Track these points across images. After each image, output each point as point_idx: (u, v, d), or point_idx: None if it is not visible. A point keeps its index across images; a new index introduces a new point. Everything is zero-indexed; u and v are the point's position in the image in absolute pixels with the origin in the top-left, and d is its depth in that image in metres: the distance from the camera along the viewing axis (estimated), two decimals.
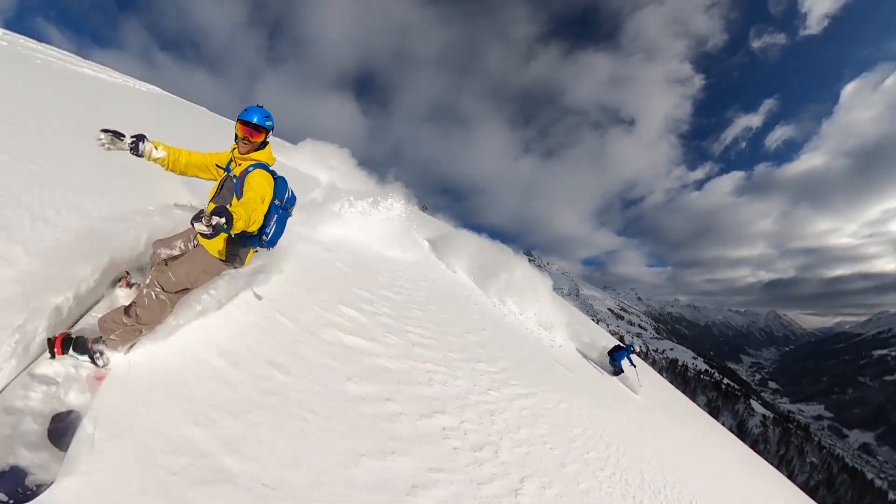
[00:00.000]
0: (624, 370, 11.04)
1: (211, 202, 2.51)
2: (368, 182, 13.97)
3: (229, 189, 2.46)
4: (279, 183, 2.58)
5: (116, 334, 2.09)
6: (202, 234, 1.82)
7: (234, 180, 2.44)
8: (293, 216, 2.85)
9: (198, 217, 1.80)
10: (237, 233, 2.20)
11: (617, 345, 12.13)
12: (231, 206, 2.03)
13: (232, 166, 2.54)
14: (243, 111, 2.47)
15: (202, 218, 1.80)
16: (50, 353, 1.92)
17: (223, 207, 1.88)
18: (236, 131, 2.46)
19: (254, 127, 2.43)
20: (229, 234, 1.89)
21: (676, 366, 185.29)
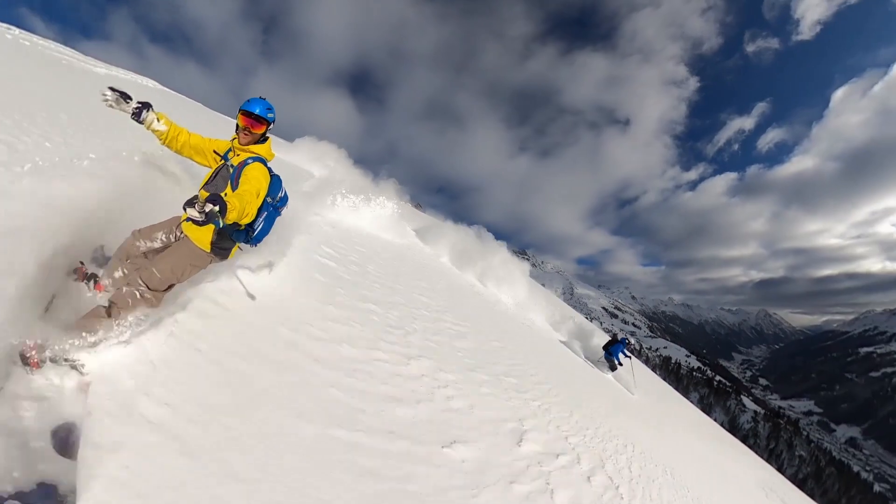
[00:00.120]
0: (622, 363, 11.22)
1: (203, 189, 2.44)
2: (364, 180, 14.16)
3: (224, 178, 2.43)
4: (274, 181, 2.56)
5: (96, 336, 1.91)
6: (194, 221, 1.75)
7: (231, 170, 2.41)
8: (282, 215, 2.77)
9: (191, 202, 1.72)
10: (227, 224, 2.14)
11: (611, 338, 12.08)
12: (226, 196, 1.99)
13: (230, 156, 2.50)
14: (246, 102, 2.45)
15: (195, 203, 1.72)
16: (25, 367, 1.72)
17: (218, 195, 1.83)
18: (237, 121, 2.44)
19: (255, 118, 2.41)
20: (219, 225, 1.88)
21: (669, 363, 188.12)
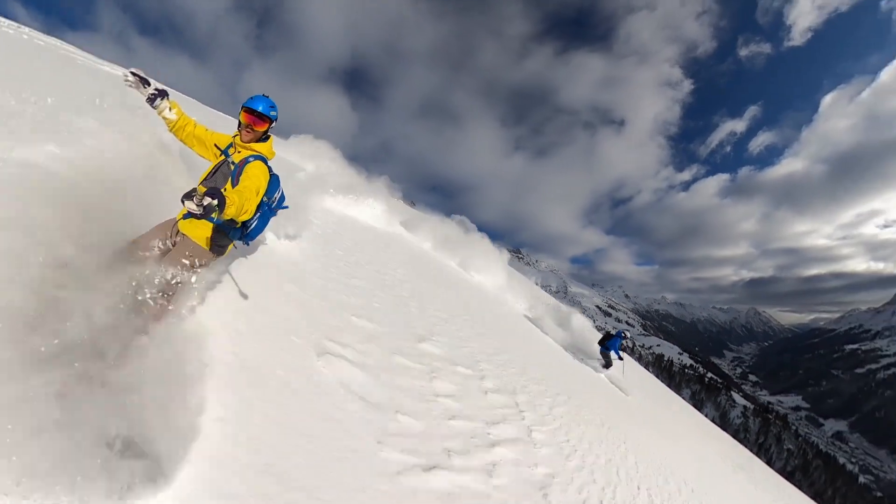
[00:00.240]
0: (619, 359, 10.58)
1: (201, 184, 2.45)
2: (357, 178, 14.65)
3: (224, 174, 2.42)
4: (273, 181, 2.57)
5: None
6: (192, 214, 1.76)
7: (232, 167, 2.41)
8: (276, 216, 2.79)
9: (189, 195, 1.74)
10: (223, 220, 2.14)
11: (607, 332, 11.36)
12: (225, 192, 2.00)
13: (231, 152, 2.50)
14: (249, 99, 2.46)
15: (194, 197, 1.74)
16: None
17: (217, 189, 1.84)
18: (240, 118, 2.45)
19: (258, 116, 2.42)
20: (214, 220, 1.84)
21: (662, 361, 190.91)
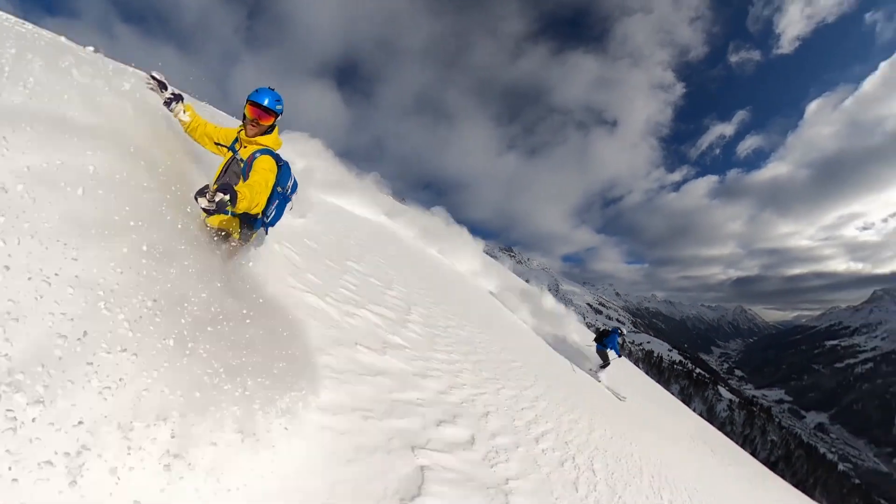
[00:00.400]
0: (618, 356, 10.02)
1: (215, 183, 2.46)
2: (348, 175, 15.40)
3: (235, 172, 2.44)
4: (284, 169, 2.56)
5: None
6: (204, 210, 1.81)
7: (242, 164, 2.42)
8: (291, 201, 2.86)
9: (202, 192, 1.78)
10: (237, 213, 2.21)
11: (603, 329, 10.83)
12: (236, 186, 2.04)
13: (237, 147, 2.50)
14: (254, 92, 2.41)
15: (206, 193, 1.77)
16: None
17: (228, 185, 1.87)
18: (245, 112, 2.41)
19: (264, 110, 2.39)
20: (227, 214, 1.90)
21: (652, 357, 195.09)
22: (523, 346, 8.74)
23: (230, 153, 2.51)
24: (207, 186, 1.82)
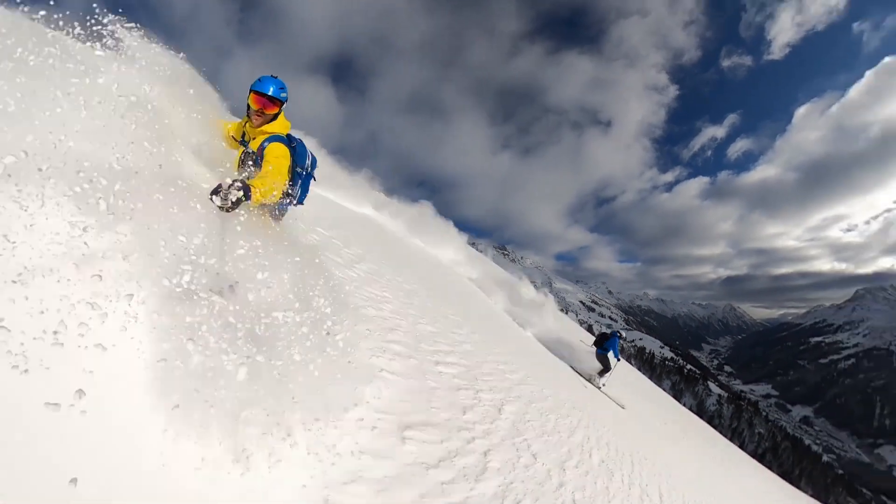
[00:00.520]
0: (617, 360, 9.74)
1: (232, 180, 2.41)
2: (341, 172, 15.45)
3: (251, 165, 2.42)
4: (299, 149, 2.52)
5: None
6: (221, 209, 1.79)
7: (254, 156, 2.39)
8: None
9: (216, 191, 1.77)
10: (256, 206, 2.18)
11: (601, 333, 10.57)
12: (250, 180, 2.03)
13: (247, 139, 2.48)
14: (256, 81, 2.36)
15: (220, 191, 1.76)
16: None
17: (241, 180, 1.86)
18: (249, 102, 2.37)
19: (269, 99, 2.35)
20: (247, 204, 1.91)
21: (644, 353, 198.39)
22: (491, 326, 8.78)
23: (242, 147, 2.53)
24: (221, 185, 1.80)
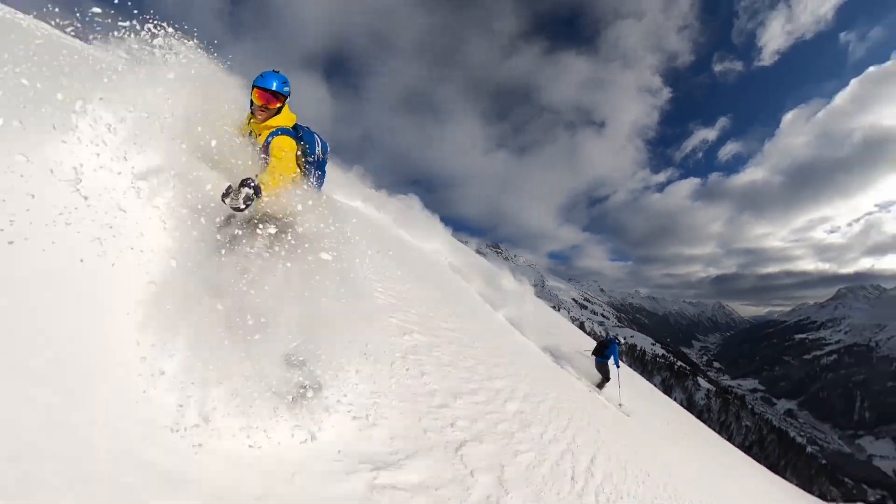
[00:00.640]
0: (616, 366, 9.17)
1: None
2: (334, 170, 15.27)
3: (262, 162, 2.37)
4: (306, 139, 2.50)
5: None
6: (235, 209, 1.80)
7: (263, 154, 2.37)
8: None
9: (227, 193, 1.78)
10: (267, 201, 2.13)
11: (600, 341, 9.86)
12: (258, 177, 2.03)
13: (253, 136, 2.44)
14: (258, 77, 2.35)
15: (231, 193, 1.77)
16: None
17: (249, 179, 1.86)
18: (252, 98, 2.36)
19: (272, 94, 2.35)
20: (258, 201, 1.91)
21: (635, 351, 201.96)
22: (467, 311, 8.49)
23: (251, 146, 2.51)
24: (231, 186, 1.82)
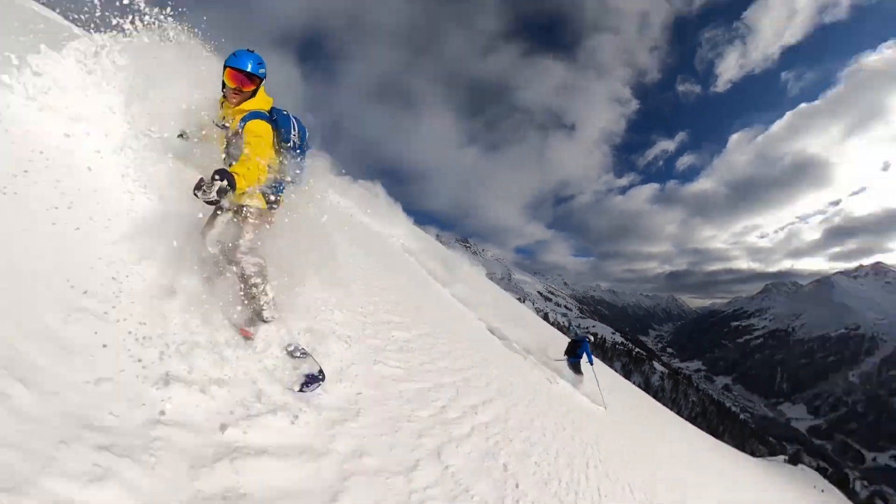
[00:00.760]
0: (590, 363, 9.01)
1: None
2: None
3: (236, 148, 2.22)
4: (281, 123, 2.29)
5: (267, 307, 2.25)
6: (207, 202, 1.72)
7: (234, 139, 2.23)
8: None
9: (198, 186, 1.70)
10: (242, 189, 1.95)
11: (571, 340, 9.75)
12: (231, 167, 1.90)
13: (227, 120, 2.27)
14: (231, 57, 2.15)
15: (202, 186, 1.70)
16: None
17: (223, 169, 1.78)
18: (224, 80, 2.17)
19: (246, 75, 2.15)
20: (230, 197, 1.79)
21: (596, 338, 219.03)
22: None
23: (223, 131, 2.32)
24: (203, 179, 1.73)
